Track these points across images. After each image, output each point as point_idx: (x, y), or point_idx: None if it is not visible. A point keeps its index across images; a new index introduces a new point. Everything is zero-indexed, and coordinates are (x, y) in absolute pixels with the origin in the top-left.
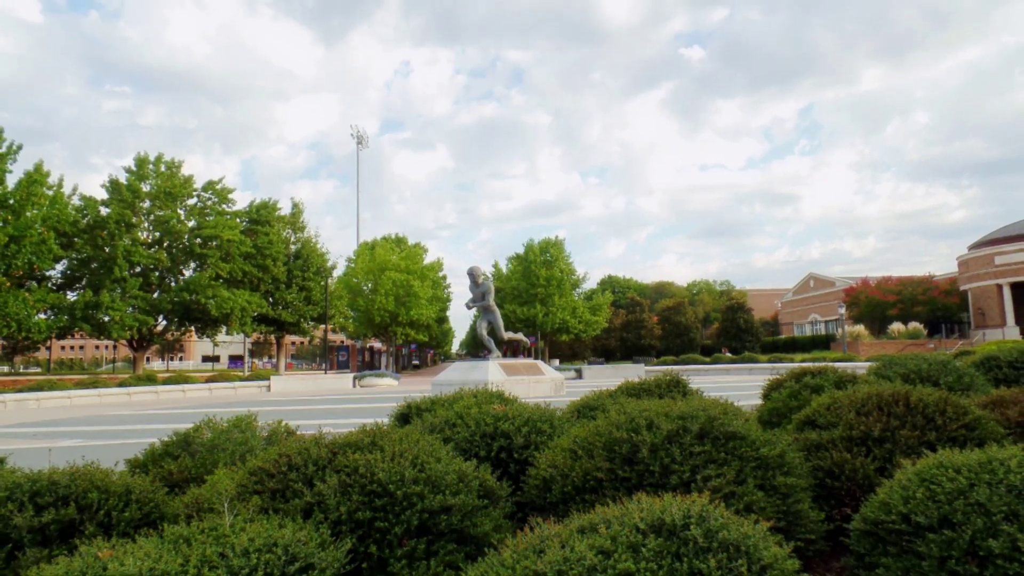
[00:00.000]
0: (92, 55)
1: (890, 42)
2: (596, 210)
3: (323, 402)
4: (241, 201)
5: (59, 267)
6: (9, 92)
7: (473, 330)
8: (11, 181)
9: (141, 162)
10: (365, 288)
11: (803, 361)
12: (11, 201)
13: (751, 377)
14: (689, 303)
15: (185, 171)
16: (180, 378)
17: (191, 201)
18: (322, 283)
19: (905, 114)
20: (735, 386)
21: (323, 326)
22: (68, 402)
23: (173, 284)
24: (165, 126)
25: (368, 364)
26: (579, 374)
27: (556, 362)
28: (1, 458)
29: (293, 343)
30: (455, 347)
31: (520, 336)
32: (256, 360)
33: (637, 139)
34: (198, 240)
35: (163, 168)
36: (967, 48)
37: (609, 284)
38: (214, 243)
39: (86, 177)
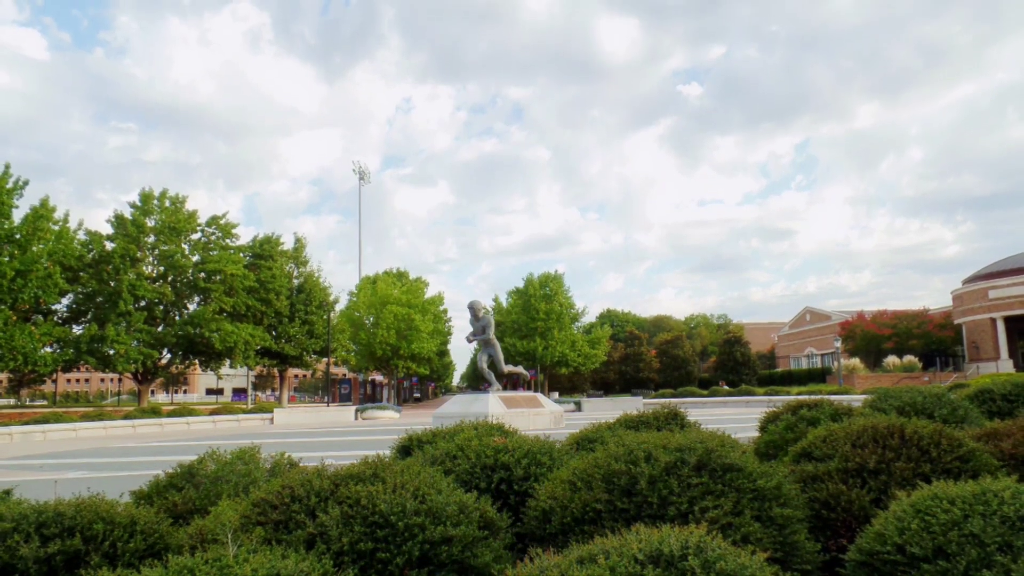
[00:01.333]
0: (98, 92)
1: (885, 79)
2: (595, 245)
3: (325, 434)
4: (244, 236)
5: (65, 301)
6: (16, 128)
7: (474, 363)
8: (17, 216)
9: (146, 197)
10: (367, 322)
11: (799, 394)
12: (17, 236)
13: (748, 410)
14: (687, 337)
15: (189, 206)
16: (184, 411)
17: (195, 236)
18: (324, 317)
19: (900, 150)
20: (732, 418)
21: (325, 359)
22: (74, 434)
23: (177, 318)
24: (170, 162)
25: (370, 397)
26: (578, 407)
27: (555, 395)
28: (7, 490)
29: (296, 376)
30: (456, 380)
31: (520, 369)
32: (259, 393)
33: (636, 175)
34: (202, 274)
35: (167, 203)
36: (961, 85)
37: (608, 318)
38: (218, 277)
39: (91, 212)
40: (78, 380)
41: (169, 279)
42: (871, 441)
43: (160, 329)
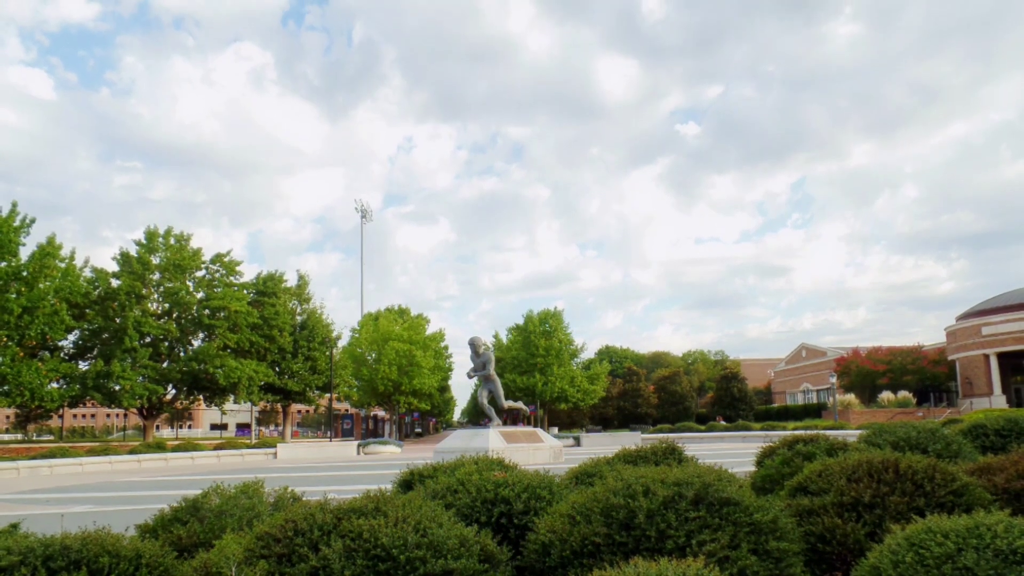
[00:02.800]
0: (104, 131)
1: (880, 118)
2: (594, 282)
3: (328, 469)
4: (248, 273)
5: (71, 337)
6: (23, 167)
7: (474, 399)
8: (24, 254)
9: (151, 235)
10: (369, 358)
11: (795, 429)
12: (25, 273)
13: (745, 445)
14: (684, 373)
15: (194, 244)
16: (189, 446)
17: (200, 273)
18: (327, 353)
19: (894, 188)
20: (729, 453)
21: (328, 395)
22: (80, 469)
23: (182, 354)
24: (175, 200)
25: (372, 432)
26: (577, 442)
27: (555, 430)
28: (14, 523)
29: (299, 411)
30: (457, 415)
31: (520, 405)
32: (263, 428)
33: (634, 213)
34: (206, 311)
35: (172, 241)
36: (955, 124)
37: (607, 354)
38: (222, 314)
39: (97, 250)
40: (84, 415)
41: (174, 316)
42: (866, 475)
43: (165, 365)
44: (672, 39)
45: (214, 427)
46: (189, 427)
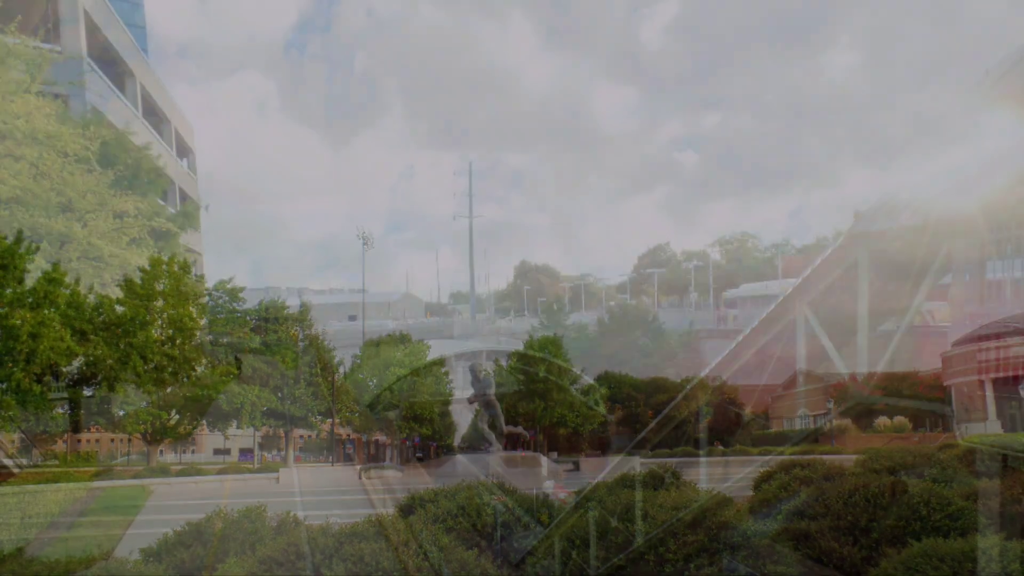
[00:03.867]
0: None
1: (876, 148)
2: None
3: (330, 493)
4: (251, 299)
5: (76, 363)
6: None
7: (475, 424)
8: (29, 281)
9: (155, 262)
10: (370, 384)
11: (792, 454)
12: (30, 299)
13: (742, 469)
14: (683, 398)
15: (197, 270)
16: (192, 470)
17: (203, 300)
18: (329, 379)
19: (890, 217)
20: (727, 478)
21: (330, 420)
22: (84, 494)
23: (185, 380)
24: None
25: (373, 457)
26: (576, 466)
27: (554, 455)
28: (20, 547)
29: (301, 436)
30: (457, 440)
31: (520, 430)
32: (265, 453)
33: (633, 240)
34: (209, 337)
35: (176, 268)
36: (950, 153)
37: (606, 380)
38: (225, 340)
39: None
40: (88, 440)
41: (177, 342)
42: (863, 500)
43: (169, 391)
44: (671, 69)
45: (217, 452)
46: (192, 452)
